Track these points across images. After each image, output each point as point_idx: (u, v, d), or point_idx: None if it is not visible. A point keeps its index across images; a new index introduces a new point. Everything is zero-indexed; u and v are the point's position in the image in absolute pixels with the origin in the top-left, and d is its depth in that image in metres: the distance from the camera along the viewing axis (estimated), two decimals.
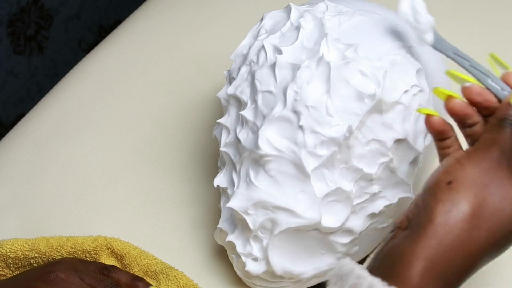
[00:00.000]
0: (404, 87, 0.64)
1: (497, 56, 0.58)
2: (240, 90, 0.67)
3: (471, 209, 0.51)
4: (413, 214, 0.53)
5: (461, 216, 0.51)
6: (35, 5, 1.47)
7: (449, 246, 0.50)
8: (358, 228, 0.66)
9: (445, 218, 0.51)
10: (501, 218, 0.51)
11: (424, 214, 0.52)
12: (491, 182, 0.52)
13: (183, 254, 0.75)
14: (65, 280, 0.64)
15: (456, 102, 0.56)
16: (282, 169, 0.63)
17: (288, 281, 0.68)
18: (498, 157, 0.52)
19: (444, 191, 0.52)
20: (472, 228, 0.51)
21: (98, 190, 0.81)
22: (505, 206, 0.51)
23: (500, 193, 0.51)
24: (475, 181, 0.52)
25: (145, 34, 1.01)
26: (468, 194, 0.51)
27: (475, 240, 0.51)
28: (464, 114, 0.56)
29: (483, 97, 0.55)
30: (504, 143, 0.53)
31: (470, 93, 0.56)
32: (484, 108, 0.56)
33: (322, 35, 0.65)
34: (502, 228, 0.51)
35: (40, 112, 0.92)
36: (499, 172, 0.52)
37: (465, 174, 0.52)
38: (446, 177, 0.52)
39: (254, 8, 1.02)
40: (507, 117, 0.54)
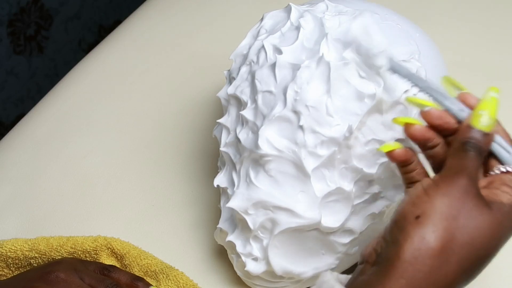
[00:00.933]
0: (404, 87, 0.64)
1: (452, 78, 0.58)
2: (240, 90, 0.67)
3: (441, 245, 0.50)
4: (381, 248, 0.52)
5: (431, 253, 0.50)
6: (35, 5, 1.47)
7: (418, 284, 0.49)
8: (358, 228, 0.66)
9: (414, 255, 0.49)
10: (470, 250, 0.50)
11: (392, 249, 0.51)
12: (460, 214, 0.51)
13: (183, 254, 0.75)
14: (65, 280, 0.64)
15: (415, 128, 0.56)
16: (282, 169, 0.63)
17: (288, 281, 0.68)
18: (466, 185, 0.51)
19: (412, 226, 0.50)
20: (441, 264, 0.50)
21: (98, 190, 0.81)
22: (475, 237, 0.50)
23: (469, 224, 0.50)
24: (444, 214, 0.50)
25: (145, 34, 1.01)
26: (437, 229, 0.50)
27: (445, 276, 0.50)
28: (424, 138, 0.56)
29: (442, 119, 0.55)
30: (469, 168, 0.52)
31: (430, 117, 0.56)
32: (444, 130, 0.56)
33: (322, 35, 0.65)
34: (471, 260, 0.51)
35: (40, 112, 0.92)
36: (468, 201, 0.51)
37: (433, 206, 0.51)
38: (414, 210, 0.51)
39: (254, 8, 1.02)
40: (468, 140, 0.53)
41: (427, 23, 0.94)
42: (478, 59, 0.93)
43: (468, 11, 1.01)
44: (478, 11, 1.01)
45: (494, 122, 0.54)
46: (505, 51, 0.95)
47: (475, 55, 0.94)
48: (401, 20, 0.71)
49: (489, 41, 0.96)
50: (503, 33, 0.97)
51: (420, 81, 0.59)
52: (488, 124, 0.53)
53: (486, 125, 0.53)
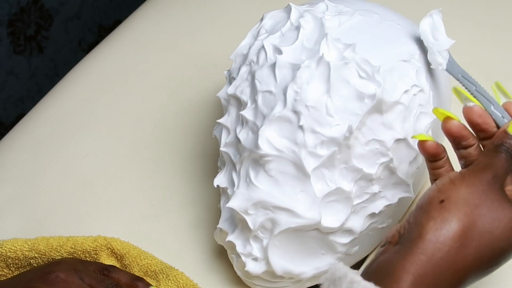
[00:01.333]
0: (404, 87, 0.64)
1: (502, 85, 0.59)
2: (240, 90, 0.67)
3: (461, 228, 0.52)
4: (405, 229, 0.54)
5: (451, 234, 0.52)
6: (35, 5, 1.47)
7: (438, 262, 0.51)
8: (358, 228, 0.66)
9: (436, 235, 0.52)
10: (490, 239, 0.52)
11: (415, 230, 0.53)
12: (482, 204, 0.53)
13: (183, 254, 0.75)
14: (65, 280, 0.64)
15: (454, 123, 0.57)
16: (282, 169, 0.63)
17: (288, 281, 0.68)
18: (490, 181, 0.54)
19: (436, 209, 0.53)
20: (461, 246, 0.52)
21: (98, 190, 0.81)
22: (494, 228, 0.53)
23: (490, 215, 0.53)
24: (467, 201, 0.53)
25: (145, 34, 1.01)
26: (459, 214, 0.52)
27: (464, 258, 0.52)
28: (460, 135, 0.57)
29: (483, 119, 0.57)
30: (497, 167, 0.55)
31: (471, 113, 0.57)
32: (481, 131, 0.57)
33: (322, 35, 0.65)
34: (490, 249, 0.53)
35: (40, 112, 0.92)
36: (491, 195, 0.53)
37: (458, 194, 0.53)
38: (439, 196, 0.54)
39: (254, 8, 1.02)
40: (503, 143, 0.55)
41: None
42: (478, 59, 0.93)
43: (468, 11, 1.01)
44: (478, 11, 1.01)
45: None
46: (505, 51, 0.95)
47: (475, 55, 0.94)
48: (401, 20, 0.71)
49: (489, 41, 0.96)
50: (503, 33, 0.97)
51: (471, 84, 0.60)
52: None
53: None
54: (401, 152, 0.65)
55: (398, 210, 0.68)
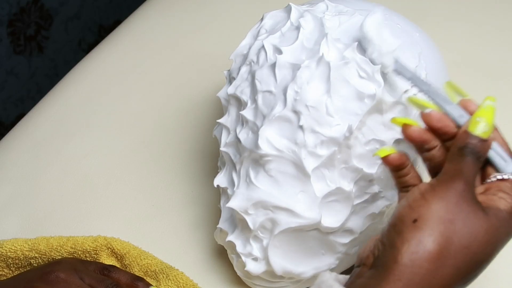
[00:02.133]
0: (404, 87, 0.64)
1: (454, 84, 0.58)
2: (240, 90, 0.67)
3: (437, 248, 0.50)
4: (379, 251, 0.52)
5: (427, 256, 0.50)
6: (35, 5, 1.47)
7: (415, 287, 0.50)
8: (358, 228, 0.66)
9: (411, 259, 0.50)
10: (466, 254, 0.51)
11: (389, 253, 0.51)
12: (456, 218, 0.51)
13: (183, 254, 0.75)
14: (65, 280, 0.64)
15: (413, 129, 0.56)
16: (282, 169, 0.63)
17: (288, 281, 0.68)
18: (462, 189, 0.52)
19: (409, 230, 0.51)
20: (437, 267, 0.50)
21: (98, 190, 0.81)
22: (471, 242, 0.51)
23: (466, 229, 0.51)
24: (441, 218, 0.51)
25: (145, 34, 1.01)
26: (434, 233, 0.51)
27: (441, 278, 0.50)
28: (421, 140, 0.56)
29: (442, 123, 0.55)
30: (466, 172, 0.53)
31: (430, 119, 0.56)
32: (443, 134, 0.56)
33: (322, 35, 0.65)
34: (467, 264, 0.51)
35: (40, 112, 0.92)
36: (465, 206, 0.52)
37: (431, 210, 0.51)
38: (411, 214, 0.52)
39: (254, 8, 1.02)
40: (466, 145, 0.54)
41: (427, 23, 0.94)
42: (478, 59, 0.93)
43: (468, 11, 1.01)
44: (478, 11, 1.01)
45: (491, 129, 0.54)
46: (505, 51, 0.95)
47: (475, 55, 0.94)
48: (401, 20, 0.71)
49: (489, 41, 0.96)
50: (503, 33, 0.97)
51: (423, 84, 0.60)
52: (485, 130, 0.54)
53: (483, 132, 0.54)
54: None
55: None
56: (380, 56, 0.62)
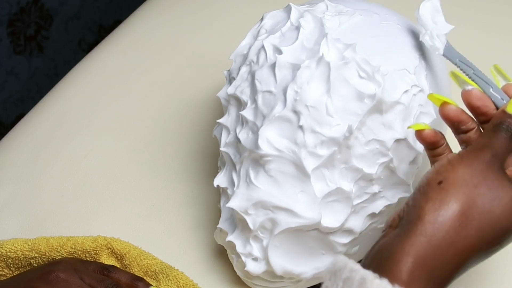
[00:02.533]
0: (404, 87, 0.64)
1: (501, 68, 0.59)
2: (240, 90, 0.67)
3: (461, 208, 0.52)
4: (404, 212, 0.54)
5: (450, 215, 0.51)
6: (35, 5, 1.47)
7: (438, 243, 0.51)
8: (358, 228, 0.66)
9: (434, 216, 0.51)
10: (491, 218, 0.52)
11: (414, 212, 0.53)
12: (481, 184, 0.52)
13: (183, 254, 0.75)
14: (65, 280, 0.64)
15: (451, 108, 0.57)
16: (282, 169, 0.63)
17: (288, 281, 0.68)
18: (489, 160, 0.53)
19: (434, 190, 0.53)
20: (461, 226, 0.51)
21: (98, 190, 0.81)
22: (494, 207, 0.52)
23: (490, 194, 0.52)
24: (466, 181, 0.52)
25: (145, 34, 1.01)
26: (458, 194, 0.52)
27: (464, 239, 0.52)
28: (458, 120, 0.57)
29: (482, 102, 0.56)
30: (496, 146, 0.54)
31: (470, 96, 0.57)
32: (481, 114, 0.57)
33: (322, 35, 0.65)
34: (491, 229, 0.52)
35: (40, 112, 0.92)
36: (490, 174, 0.53)
37: (456, 174, 0.53)
38: (437, 177, 0.53)
39: (254, 8, 1.02)
40: (502, 122, 0.55)
41: None
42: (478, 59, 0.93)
43: (468, 11, 1.01)
44: (478, 11, 1.01)
45: None
46: (505, 51, 0.95)
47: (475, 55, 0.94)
48: (401, 20, 0.71)
49: (489, 41, 0.96)
50: (503, 33, 0.97)
51: (469, 68, 0.60)
52: None
53: None
54: (401, 152, 0.65)
55: None
56: (431, 39, 0.63)
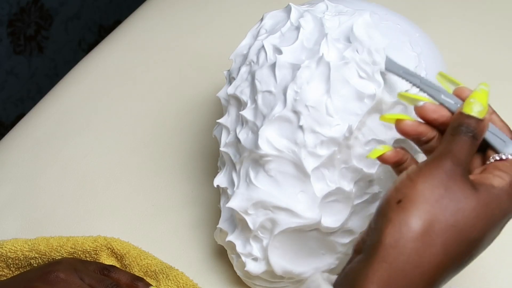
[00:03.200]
0: (404, 87, 0.64)
1: (446, 74, 0.58)
2: (240, 90, 0.67)
3: (422, 227, 0.49)
4: (367, 236, 0.51)
5: (412, 235, 0.49)
6: (35, 5, 1.47)
7: (402, 267, 0.49)
8: (358, 228, 0.66)
9: (395, 239, 0.49)
10: (455, 232, 0.50)
11: (375, 236, 0.50)
12: (442, 197, 0.50)
13: (183, 254, 0.75)
14: (65, 280, 0.64)
15: (406, 123, 0.55)
16: (282, 169, 0.63)
17: (288, 281, 0.68)
18: (450, 168, 0.51)
19: (393, 211, 0.50)
20: (424, 246, 0.49)
21: (98, 190, 0.81)
22: (458, 220, 0.50)
23: (452, 207, 0.50)
24: (425, 197, 0.50)
25: (145, 34, 1.01)
26: (419, 212, 0.49)
27: (429, 259, 0.49)
28: (416, 133, 0.55)
29: (437, 113, 0.55)
30: (456, 151, 0.52)
31: (424, 111, 0.55)
32: (440, 124, 0.55)
33: (322, 35, 0.65)
34: (457, 243, 0.50)
35: (40, 112, 0.92)
36: (451, 183, 0.50)
37: (415, 190, 0.50)
38: (396, 195, 0.51)
39: (254, 8, 1.02)
40: (460, 124, 0.53)
41: (427, 23, 0.94)
42: (478, 59, 0.93)
43: (468, 11, 1.01)
44: (478, 11, 1.01)
45: (486, 109, 0.53)
46: (505, 51, 0.95)
47: (475, 55, 0.94)
48: (401, 20, 0.71)
49: (489, 41, 0.96)
50: (503, 33, 0.97)
51: (415, 78, 0.59)
52: (479, 110, 0.53)
53: (478, 111, 0.53)
54: None
55: None
56: (370, 55, 0.62)
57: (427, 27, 0.83)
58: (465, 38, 0.97)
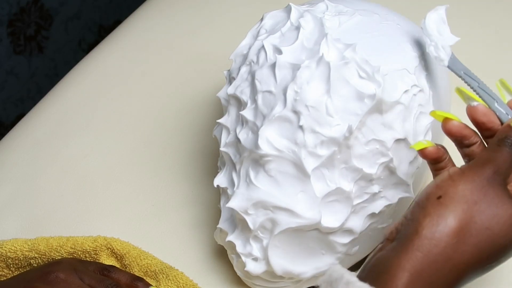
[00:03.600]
0: (404, 87, 0.64)
1: (506, 82, 0.58)
2: (240, 90, 0.67)
3: (458, 224, 0.51)
4: (402, 226, 0.53)
5: (448, 231, 0.51)
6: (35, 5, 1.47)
7: (435, 259, 0.51)
8: (358, 228, 0.66)
9: (432, 231, 0.51)
10: (489, 235, 0.52)
11: (411, 226, 0.52)
12: (481, 200, 0.52)
13: (183, 254, 0.75)
14: (65, 280, 0.64)
15: (453, 123, 0.57)
16: (282, 169, 0.63)
17: (288, 281, 0.68)
18: (491, 176, 0.53)
19: (433, 205, 0.52)
20: (458, 243, 0.51)
21: (98, 190, 0.81)
22: (493, 224, 0.52)
23: (489, 211, 0.52)
24: (465, 197, 0.52)
25: (145, 34, 1.01)
26: (457, 210, 0.52)
27: (461, 255, 0.51)
28: (461, 135, 0.57)
29: (487, 118, 0.56)
30: (499, 161, 0.54)
31: (475, 112, 0.57)
32: (486, 129, 0.57)
33: (322, 35, 0.65)
34: (489, 246, 0.52)
35: (40, 112, 0.92)
36: (491, 190, 0.53)
37: (456, 190, 0.53)
38: (436, 192, 0.53)
39: (254, 8, 1.02)
40: (507, 137, 0.54)
41: None
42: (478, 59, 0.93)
43: (468, 11, 1.01)
44: (478, 12, 1.01)
45: None
46: (505, 52, 0.95)
47: (475, 55, 0.94)
48: (402, 20, 0.71)
49: (489, 42, 0.96)
50: (503, 33, 0.97)
51: (474, 81, 0.60)
52: None
53: None
54: (401, 152, 0.65)
55: (398, 210, 0.68)
56: (436, 50, 0.63)
57: None
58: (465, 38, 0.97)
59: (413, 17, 0.78)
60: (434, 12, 0.66)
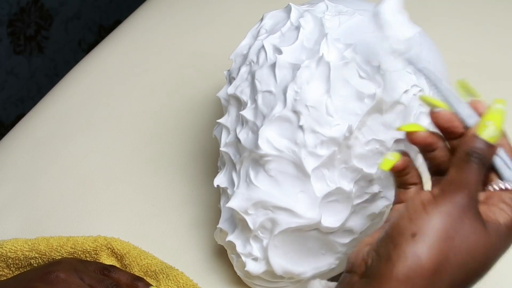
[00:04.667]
0: (404, 87, 0.64)
1: (466, 83, 0.57)
2: (240, 90, 0.67)
3: (434, 266, 0.49)
4: (373, 261, 0.51)
5: (424, 273, 0.49)
6: (35, 5, 1.47)
7: None
8: (358, 228, 0.66)
9: (407, 275, 0.49)
10: (463, 271, 0.50)
11: (384, 266, 0.50)
12: (456, 235, 0.50)
13: (183, 254, 0.75)
14: (65, 280, 0.64)
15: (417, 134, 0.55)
16: (282, 169, 0.63)
17: (288, 281, 0.68)
18: (466, 204, 0.51)
19: (407, 244, 0.50)
20: (432, 284, 0.49)
21: (98, 190, 0.81)
22: (468, 260, 0.50)
23: (464, 246, 0.50)
24: (440, 234, 0.50)
25: (145, 34, 1.01)
26: (432, 249, 0.49)
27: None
28: (426, 143, 0.55)
29: (450, 123, 0.54)
30: (471, 185, 0.51)
31: (439, 119, 0.55)
32: (450, 133, 0.55)
33: (322, 35, 0.65)
34: (462, 281, 0.50)
35: (40, 112, 0.92)
36: (466, 222, 0.50)
37: (431, 225, 0.50)
38: (410, 227, 0.50)
39: (254, 8, 1.02)
40: (474, 151, 0.52)
41: (427, 23, 0.94)
42: (478, 59, 0.93)
43: (468, 11, 1.01)
44: (478, 11, 1.01)
45: (500, 134, 0.53)
46: (505, 51, 0.95)
47: (475, 55, 0.94)
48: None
49: (489, 41, 0.96)
50: (504, 33, 0.97)
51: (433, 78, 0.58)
52: (493, 135, 0.52)
53: (491, 136, 0.52)
54: None
55: None
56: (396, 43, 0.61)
57: (427, 27, 0.82)
58: (465, 38, 0.97)
59: (413, 17, 0.77)
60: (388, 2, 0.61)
